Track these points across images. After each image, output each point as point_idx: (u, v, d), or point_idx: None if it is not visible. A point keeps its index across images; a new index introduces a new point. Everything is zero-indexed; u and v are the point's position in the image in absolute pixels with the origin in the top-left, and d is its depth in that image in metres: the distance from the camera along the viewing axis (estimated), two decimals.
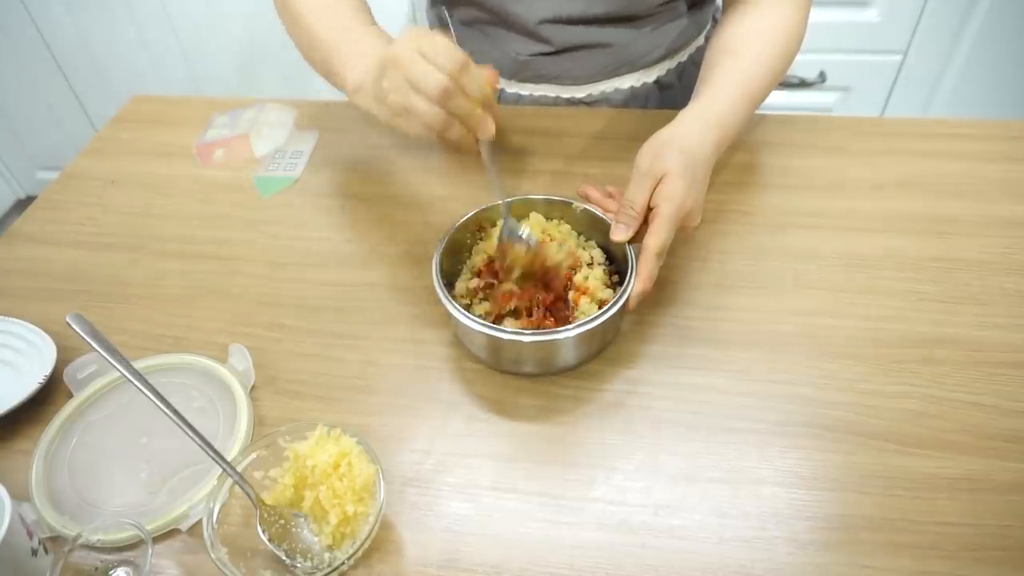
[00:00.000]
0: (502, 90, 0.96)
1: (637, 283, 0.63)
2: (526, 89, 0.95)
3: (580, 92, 0.94)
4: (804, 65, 1.61)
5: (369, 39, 0.72)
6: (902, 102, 1.63)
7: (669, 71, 0.95)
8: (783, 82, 1.61)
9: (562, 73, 0.92)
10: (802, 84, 1.63)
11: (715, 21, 1.00)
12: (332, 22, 0.76)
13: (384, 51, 0.62)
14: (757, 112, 0.92)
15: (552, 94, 0.95)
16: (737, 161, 0.87)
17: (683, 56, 0.96)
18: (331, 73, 0.74)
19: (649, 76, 0.94)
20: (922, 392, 0.63)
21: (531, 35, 0.88)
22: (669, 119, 0.71)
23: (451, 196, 0.85)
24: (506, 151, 0.89)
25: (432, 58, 0.59)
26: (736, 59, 0.76)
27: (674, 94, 0.98)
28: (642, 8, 0.86)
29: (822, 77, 1.61)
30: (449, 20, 0.94)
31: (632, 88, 0.94)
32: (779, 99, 1.66)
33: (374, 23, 0.77)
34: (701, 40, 0.98)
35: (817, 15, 1.49)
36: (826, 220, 0.79)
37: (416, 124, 0.62)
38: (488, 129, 0.62)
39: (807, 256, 0.75)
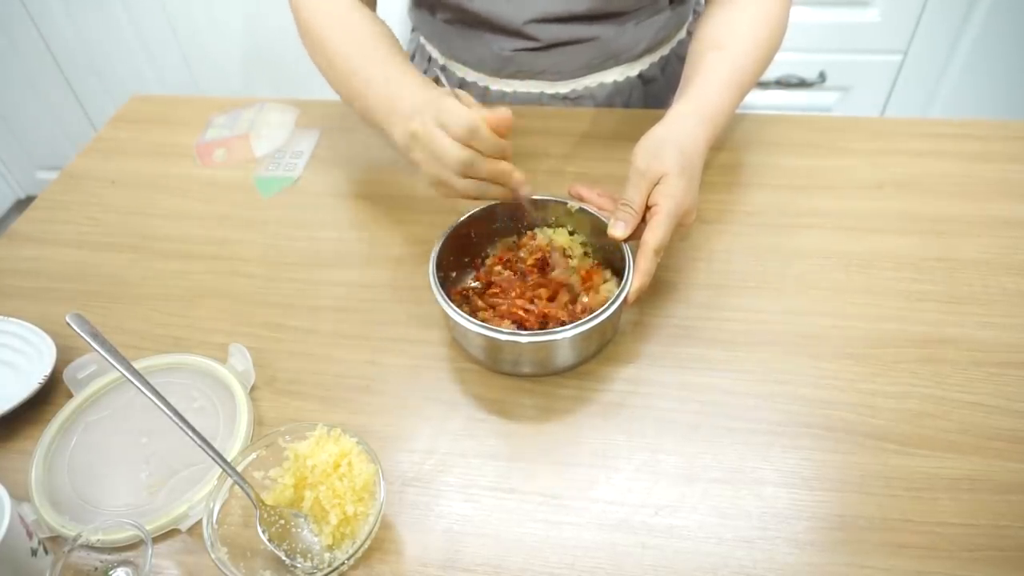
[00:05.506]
0: (487, 88, 0.96)
1: (635, 279, 0.63)
2: (510, 87, 0.95)
3: (564, 87, 0.94)
4: (804, 65, 1.61)
5: (404, 91, 0.70)
6: (902, 102, 1.63)
7: (652, 65, 0.96)
8: (783, 82, 1.62)
9: (547, 68, 0.92)
10: (802, 84, 1.63)
11: (695, 14, 1.01)
12: (363, 66, 0.75)
13: (409, 121, 0.65)
14: (757, 112, 0.92)
15: (536, 90, 0.95)
16: (737, 161, 0.87)
17: (666, 50, 0.96)
18: (374, 125, 0.74)
19: (633, 70, 0.94)
20: (922, 392, 0.63)
21: (517, 34, 0.88)
22: (656, 118, 0.71)
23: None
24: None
25: (448, 129, 0.61)
26: (723, 52, 0.76)
27: (658, 88, 0.98)
28: (624, 4, 0.86)
29: (822, 77, 1.61)
30: (432, 20, 0.94)
31: (616, 82, 0.94)
32: (779, 99, 1.66)
33: (400, 53, 0.76)
34: (683, 34, 0.99)
35: (817, 15, 1.52)
36: (826, 220, 0.79)
37: (454, 192, 0.65)
38: (520, 181, 0.65)
39: (807, 256, 0.75)
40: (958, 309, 0.69)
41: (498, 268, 0.70)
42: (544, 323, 0.65)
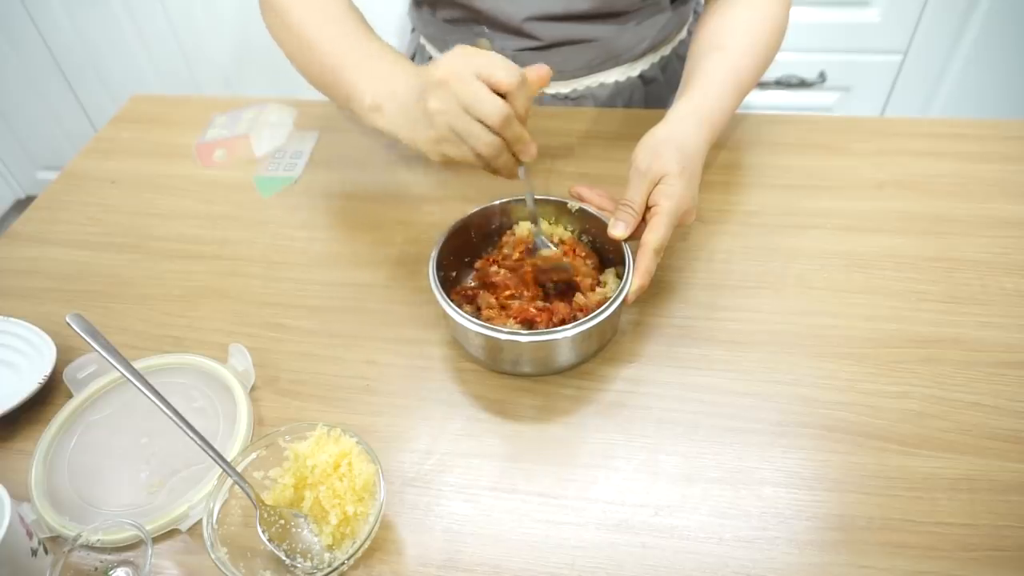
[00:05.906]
0: None
1: (635, 278, 0.63)
2: None
3: (565, 87, 0.94)
4: (804, 65, 1.61)
5: (384, 57, 0.70)
6: (902, 102, 1.63)
7: (653, 65, 0.96)
8: (783, 82, 1.62)
9: None
10: (802, 84, 1.63)
11: (696, 15, 1.01)
12: (336, 36, 0.74)
13: (436, 69, 0.59)
14: (757, 112, 0.92)
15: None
16: (737, 161, 0.87)
17: (666, 50, 0.96)
18: (339, 89, 0.72)
19: (634, 70, 0.94)
20: (922, 392, 0.63)
21: (517, 32, 0.88)
22: (656, 118, 0.71)
23: (451, 196, 0.85)
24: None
25: (488, 77, 0.57)
26: (723, 52, 0.77)
27: (658, 88, 0.98)
28: (624, 4, 0.87)
29: (822, 77, 1.61)
30: (433, 19, 0.94)
31: (617, 83, 0.95)
32: (780, 99, 1.66)
33: (377, 36, 0.75)
34: (684, 34, 0.99)
35: (817, 15, 1.52)
36: (826, 220, 0.79)
37: (465, 150, 0.60)
38: (532, 152, 0.62)
39: (807, 256, 0.75)
40: (957, 309, 0.69)
41: (494, 268, 0.70)
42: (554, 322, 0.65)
